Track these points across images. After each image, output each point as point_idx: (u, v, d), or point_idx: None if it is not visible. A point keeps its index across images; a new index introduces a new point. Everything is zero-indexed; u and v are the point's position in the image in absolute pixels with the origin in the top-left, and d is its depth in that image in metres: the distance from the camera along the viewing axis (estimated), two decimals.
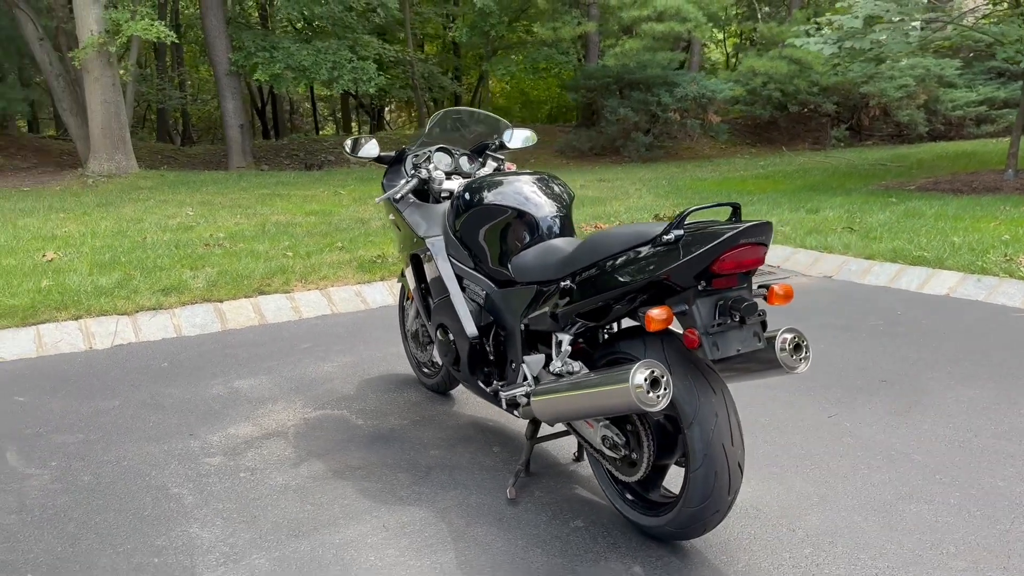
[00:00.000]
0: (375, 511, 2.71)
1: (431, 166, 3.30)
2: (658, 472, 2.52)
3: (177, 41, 14.03)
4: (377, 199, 3.38)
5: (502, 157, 3.48)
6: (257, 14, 24.56)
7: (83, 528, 2.61)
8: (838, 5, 11.54)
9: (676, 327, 2.30)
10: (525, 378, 2.73)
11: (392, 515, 2.69)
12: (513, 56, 17.79)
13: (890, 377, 3.86)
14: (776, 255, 6.53)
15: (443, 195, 3.30)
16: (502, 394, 2.79)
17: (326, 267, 5.75)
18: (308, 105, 36.95)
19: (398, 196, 3.22)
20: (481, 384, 2.97)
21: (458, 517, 2.67)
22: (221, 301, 5.04)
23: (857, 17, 10.10)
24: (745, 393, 3.69)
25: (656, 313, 2.14)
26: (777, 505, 2.72)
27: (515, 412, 2.82)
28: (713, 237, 2.08)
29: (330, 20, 16.52)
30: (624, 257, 2.30)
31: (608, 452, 2.48)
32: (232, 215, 8.73)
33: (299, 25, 19.75)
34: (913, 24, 10.65)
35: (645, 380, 2.07)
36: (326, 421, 3.47)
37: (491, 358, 2.95)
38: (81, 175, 13.23)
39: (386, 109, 34.75)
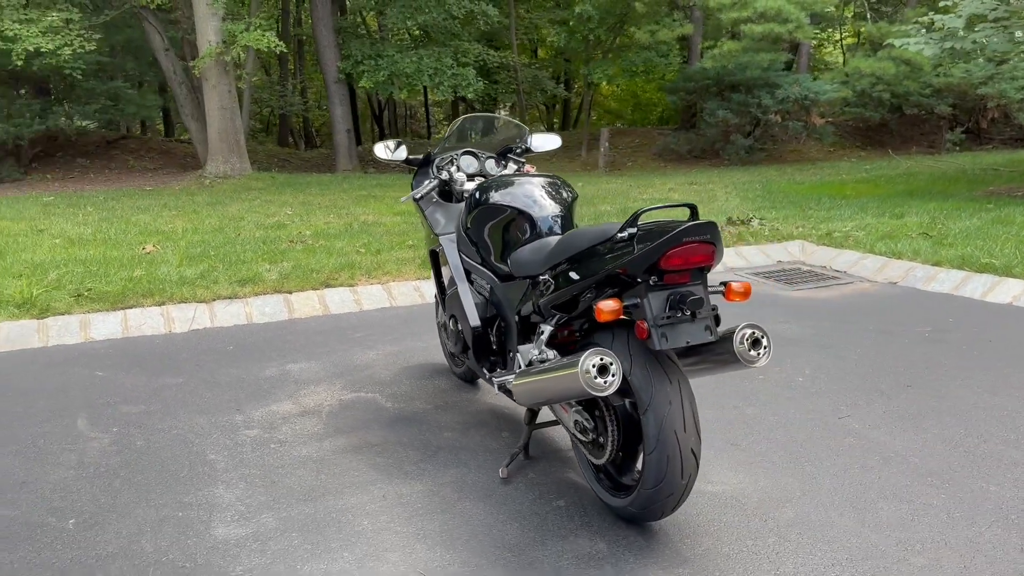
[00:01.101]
0: (380, 483, 2.97)
1: (454, 168, 3.53)
2: (631, 457, 2.66)
3: (285, 51, 14.87)
4: (402, 199, 3.64)
5: (523, 160, 3.68)
6: (367, 23, 25.57)
7: (126, 484, 2.98)
8: (942, 4, 11.08)
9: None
10: (519, 366, 2.92)
11: (393, 487, 2.94)
12: (612, 59, 17.82)
13: (917, 382, 3.83)
14: (844, 260, 6.44)
15: (464, 195, 3.53)
16: (495, 380, 3.00)
17: (392, 263, 6.09)
18: (424, 110, 38.16)
19: (419, 196, 3.48)
20: (486, 371, 3.19)
21: (452, 492, 2.89)
22: (291, 292, 5.45)
23: (960, 16, 9.71)
24: (763, 392, 3.75)
25: (605, 305, 2.30)
26: (757, 497, 2.81)
27: (512, 398, 3.02)
28: (660, 235, 2.22)
29: (434, 28, 17.08)
30: (588, 253, 2.47)
31: (579, 435, 2.65)
32: (325, 215, 9.25)
33: (415, 32, 20.46)
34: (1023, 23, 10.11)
35: (593, 367, 2.24)
36: (358, 402, 3.76)
37: (494, 347, 3.16)
38: (199, 176, 14.22)
39: (501, 112, 35.42)
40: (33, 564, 2.47)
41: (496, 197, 3.09)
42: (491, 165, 3.69)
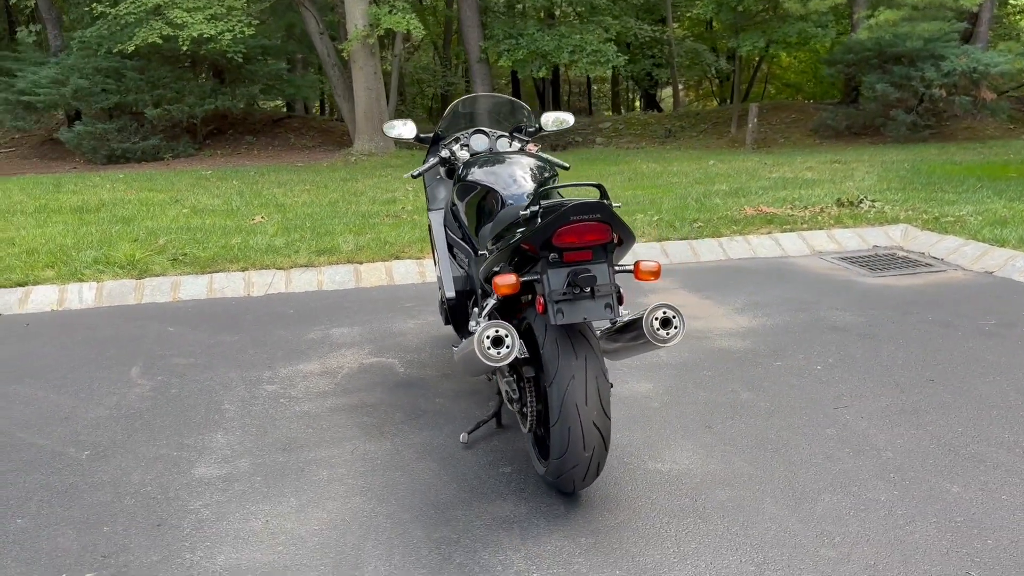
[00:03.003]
0: (355, 440, 3.20)
1: (457, 146, 3.67)
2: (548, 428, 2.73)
3: (425, 32, 15.38)
4: (405, 175, 3.82)
5: (526, 139, 3.75)
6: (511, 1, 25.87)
7: (144, 425, 3.39)
8: None
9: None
10: None
11: (364, 444, 3.16)
12: (762, 31, 17.05)
13: (942, 378, 3.59)
14: (944, 247, 5.99)
15: None
16: (454, 348, 3.13)
17: None
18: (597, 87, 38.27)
19: (416, 174, 3.64)
20: (463, 340, 3.33)
21: (413, 453, 3.07)
22: (361, 263, 5.80)
23: None
24: (770, 378, 3.65)
25: (502, 279, 2.38)
26: (699, 479, 2.79)
27: None
28: (551, 213, 2.28)
29: (577, 2, 17.07)
30: (507, 229, 2.55)
31: (509, 404, 2.75)
32: None
33: (558, 10, 20.58)
34: None
35: (488, 338, 2.33)
36: (375, 366, 4.01)
37: (469, 319, 3.29)
38: (347, 154, 15.09)
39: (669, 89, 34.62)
40: (40, 486, 2.89)
41: (472, 175, 3.21)
42: (503, 144, 3.79)
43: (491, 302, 2.83)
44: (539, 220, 2.35)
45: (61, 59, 16.32)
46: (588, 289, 2.35)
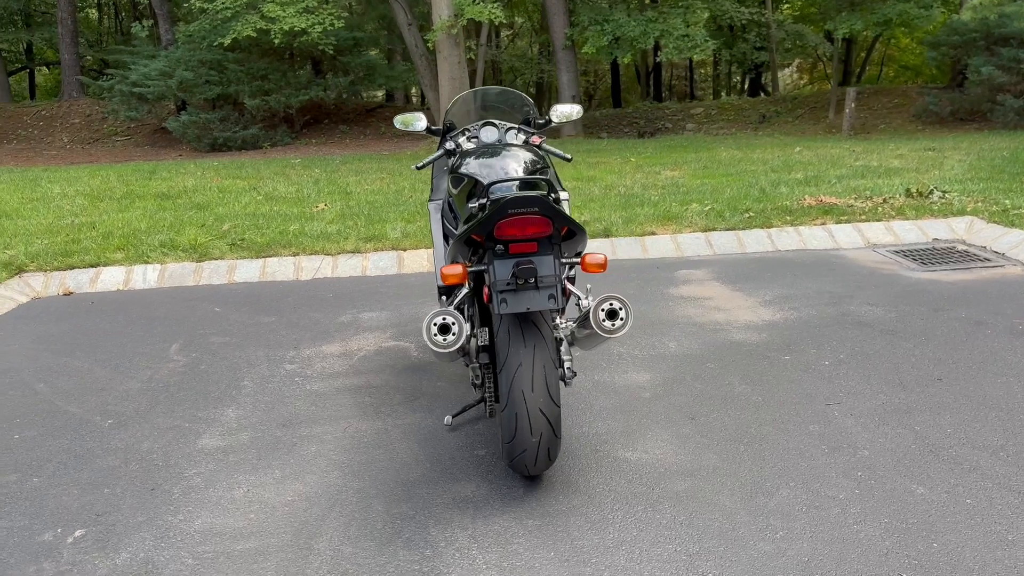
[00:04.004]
0: (350, 419, 3.38)
1: (463, 139, 3.77)
2: None
3: (504, 22, 15.48)
4: (412, 166, 3.94)
5: (532, 131, 3.82)
6: None
7: (167, 398, 3.66)
8: None
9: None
10: None
11: (359, 423, 3.33)
12: (860, 12, 16.34)
13: (951, 377, 3.47)
14: (1007, 241, 5.69)
15: None
16: None
17: None
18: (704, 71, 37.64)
19: (420, 166, 3.76)
20: None
21: (400, 433, 3.22)
22: (404, 250, 5.99)
23: None
24: (771, 372, 3.62)
25: (448, 269, 2.48)
26: (663, 469, 2.83)
27: None
28: (493, 207, 2.36)
29: None
30: (467, 222, 2.65)
31: (474, 389, 2.85)
32: None
33: None
34: None
35: (434, 325, 2.45)
36: (392, 349, 4.19)
37: None
38: (430, 143, 15.40)
39: (778, 73, 33.56)
40: (62, 450, 3.19)
41: (463, 166, 3.31)
42: (512, 136, 3.87)
43: (463, 292, 2.94)
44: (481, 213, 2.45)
45: (170, 52, 17.30)
46: (532, 280, 2.43)
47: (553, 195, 2.58)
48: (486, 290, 2.48)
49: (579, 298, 2.82)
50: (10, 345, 4.49)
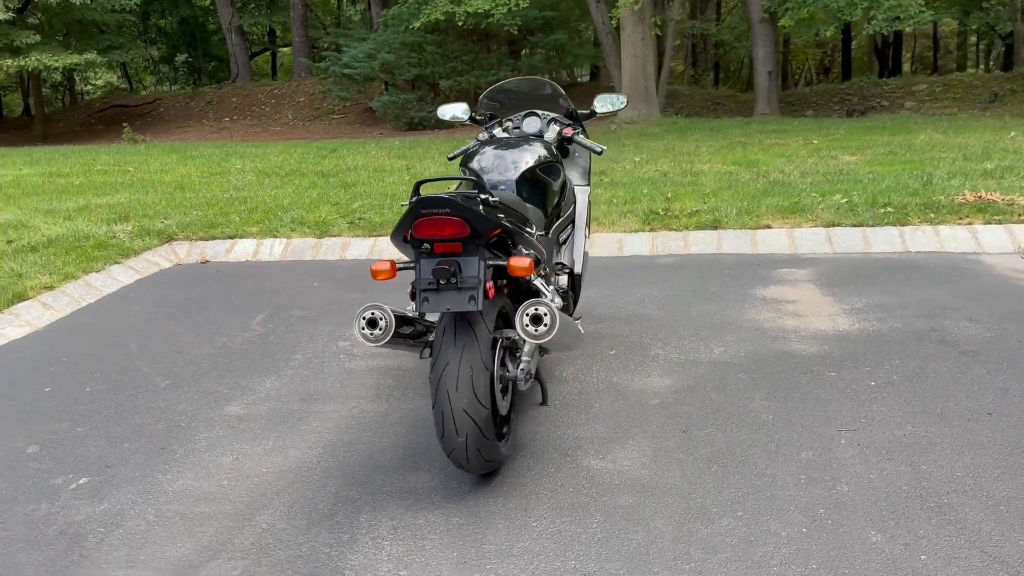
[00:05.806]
0: (362, 399, 3.53)
1: (498, 129, 3.77)
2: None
3: None
4: (447, 156, 3.98)
5: (568, 122, 3.74)
6: None
7: (226, 365, 4.02)
8: None
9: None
10: None
11: (367, 404, 3.48)
12: None
13: (1007, 413, 3.02)
14: None
15: None
16: None
17: (619, 215, 6.27)
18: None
19: (452, 156, 3.80)
20: None
21: (395, 417, 3.34)
22: None
23: None
24: (808, 390, 3.33)
25: (377, 266, 2.54)
26: (620, 482, 2.73)
27: None
28: (410, 207, 2.39)
29: None
30: None
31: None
32: (659, 162, 9.49)
33: None
34: None
35: (363, 319, 2.52)
36: None
37: None
38: (610, 122, 15.27)
39: None
40: (114, 404, 3.61)
41: (469, 161, 3.33)
42: (553, 125, 3.83)
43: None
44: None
45: (377, 35, 18.41)
46: (453, 280, 2.43)
47: (487, 196, 2.55)
48: (412, 289, 2.53)
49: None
50: (134, 306, 5.11)
